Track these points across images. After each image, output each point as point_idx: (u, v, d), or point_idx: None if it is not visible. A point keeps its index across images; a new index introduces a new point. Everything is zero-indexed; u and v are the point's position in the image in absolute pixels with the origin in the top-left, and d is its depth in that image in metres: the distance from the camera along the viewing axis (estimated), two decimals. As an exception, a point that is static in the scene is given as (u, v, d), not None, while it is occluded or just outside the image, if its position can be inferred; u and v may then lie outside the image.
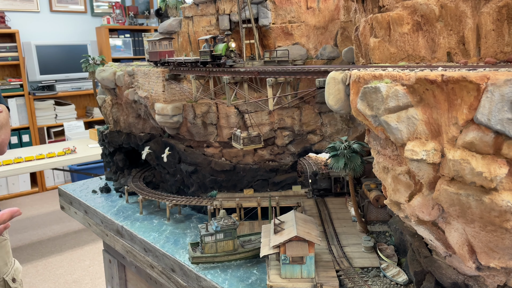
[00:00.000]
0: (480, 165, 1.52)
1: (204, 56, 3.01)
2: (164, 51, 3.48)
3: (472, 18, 1.90)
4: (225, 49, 2.86)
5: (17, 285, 3.12)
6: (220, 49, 2.86)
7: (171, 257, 2.93)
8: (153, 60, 3.64)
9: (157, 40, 3.50)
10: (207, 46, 3.00)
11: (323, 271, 2.42)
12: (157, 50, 3.51)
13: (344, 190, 3.54)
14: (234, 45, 2.89)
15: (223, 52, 2.85)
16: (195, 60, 3.12)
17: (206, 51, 2.98)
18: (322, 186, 3.55)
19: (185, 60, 3.23)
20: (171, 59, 3.42)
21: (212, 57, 2.95)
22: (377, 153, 2.07)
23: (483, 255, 1.72)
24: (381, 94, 1.75)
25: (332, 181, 3.54)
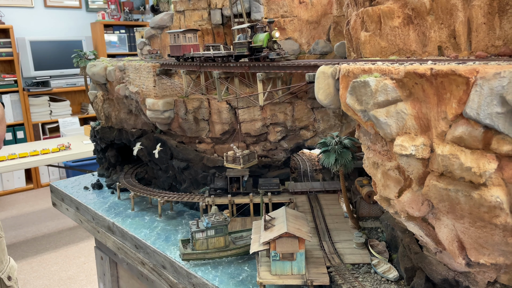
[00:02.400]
0: (469, 160, 1.50)
1: (240, 48, 2.64)
2: (188, 45, 3.16)
3: (463, 11, 1.87)
4: (267, 40, 2.49)
5: (12, 283, 3.09)
6: (261, 39, 2.49)
7: (162, 254, 2.91)
8: (175, 55, 3.30)
9: (180, 33, 3.16)
10: (243, 36, 2.65)
11: (313, 268, 2.40)
12: (180, 44, 3.17)
13: (240, 190, 3.41)
14: (278, 34, 2.50)
15: (264, 43, 2.49)
16: (228, 54, 2.77)
17: (243, 43, 2.60)
18: (218, 185, 3.47)
19: (215, 55, 2.88)
20: (196, 54, 3.08)
21: (250, 49, 2.59)
22: (367, 148, 2.04)
23: (473, 251, 1.70)
24: (370, 88, 1.72)
25: (228, 181, 3.44)
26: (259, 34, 2.53)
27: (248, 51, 2.58)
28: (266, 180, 3.46)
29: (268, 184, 3.40)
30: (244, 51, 2.60)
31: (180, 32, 3.14)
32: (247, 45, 2.58)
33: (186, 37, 3.17)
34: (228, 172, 3.43)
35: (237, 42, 2.66)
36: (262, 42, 2.48)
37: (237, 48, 2.65)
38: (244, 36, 2.64)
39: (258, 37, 2.51)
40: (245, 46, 2.59)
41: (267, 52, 2.46)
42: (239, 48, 2.64)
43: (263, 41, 2.47)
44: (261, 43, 2.48)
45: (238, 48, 2.65)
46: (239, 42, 2.64)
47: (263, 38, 2.47)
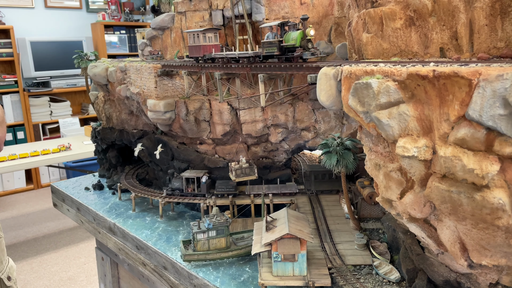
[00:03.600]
0: (471, 162, 1.50)
1: (269, 48, 2.43)
2: (208, 45, 3.00)
3: (465, 13, 1.87)
4: (300, 38, 2.29)
5: (12, 283, 3.09)
6: (294, 38, 2.29)
7: (163, 255, 2.91)
8: (195, 56, 3.13)
9: (200, 32, 3.00)
10: (272, 35, 2.46)
11: (315, 269, 2.40)
12: (200, 44, 3.01)
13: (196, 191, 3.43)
14: (313, 32, 2.29)
15: (297, 42, 2.28)
16: (255, 54, 2.57)
17: (273, 42, 2.40)
18: (175, 185, 3.51)
19: (240, 55, 2.69)
20: (218, 55, 2.91)
21: (281, 49, 2.38)
22: (369, 150, 2.05)
23: (475, 253, 1.71)
24: (372, 90, 1.73)
25: (184, 182, 3.46)
26: (291, 32, 2.33)
27: (278, 51, 2.38)
28: (223, 182, 3.42)
29: (225, 186, 3.39)
30: (274, 51, 2.40)
31: (200, 31, 2.99)
32: (278, 44, 2.37)
33: (206, 37, 3.02)
34: (183, 173, 3.46)
35: (265, 41, 2.45)
36: (295, 41, 2.28)
37: (266, 47, 2.44)
38: (273, 35, 2.44)
39: (290, 36, 2.31)
40: (275, 45, 2.38)
41: (300, 52, 2.25)
42: (268, 48, 2.43)
43: (296, 39, 2.27)
44: (294, 42, 2.28)
45: (267, 48, 2.43)
46: (268, 42, 2.43)
47: (296, 37, 2.27)
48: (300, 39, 2.27)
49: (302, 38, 2.27)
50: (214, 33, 3.04)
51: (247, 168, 3.07)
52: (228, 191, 3.37)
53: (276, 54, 2.40)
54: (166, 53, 3.81)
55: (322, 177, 3.41)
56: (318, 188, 3.40)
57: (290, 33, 2.33)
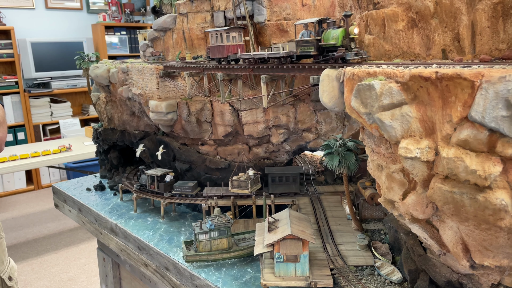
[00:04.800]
0: (474, 163, 1.51)
1: (304, 47, 2.25)
2: (233, 45, 2.84)
3: (467, 15, 1.88)
4: (342, 37, 2.10)
5: (13, 283, 3.10)
6: (335, 36, 2.11)
7: (165, 256, 2.92)
8: (217, 57, 2.97)
9: (224, 31, 2.83)
10: (307, 33, 2.28)
11: (317, 270, 2.40)
12: (223, 44, 2.85)
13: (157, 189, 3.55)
14: (357, 30, 2.10)
15: (339, 41, 2.09)
16: (287, 54, 2.41)
17: (309, 41, 2.22)
18: (142, 182, 3.66)
19: (270, 55, 2.50)
20: (245, 55, 2.72)
21: (319, 48, 2.21)
22: (371, 151, 2.05)
23: (477, 254, 1.71)
24: (375, 91, 1.73)
25: (149, 179, 3.59)
26: (330, 30, 2.14)
27: (316, 51, 2.20)
28: (183, 182, 3.52)
29: (182, 187, 3.47)
30: (310, 51, 2.22)
31: (223, 30, 2.83)
32: (315, 43, 2.18)
33: (230, 36, 2.84)
34: (149, 170, 3.61)
35: (300, 40, 2.27)
36: (336, 39, 2.09)
37: (301, 47, 2.27)
38: (308, 33, 2.27)
39: (331, 34, 2.12)
40: (312, 44, 2.20)
41: (343, 52, 2.06)
42: (303, 47, 2.26)
43: (338, 38, 2.09)
44: (335, 41, 2.10)
45: (303, 47, 2.26)
46: (304, 40, 2.25)
47: (338, 35, 2.09)
48: (342, 37, 2.09)
49: (344, 36, 2.09)
50: (238, 32, 2.88)
51: (243, 181, 3.10)
52: (184, 192, 3.46)
53: (313, 54, 2.22)
54: (167, 54, 3.82)
55: (279, 180, 3.42)
56: (275, 190, 3.41)
57: (330, 31, 2.14)
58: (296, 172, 3.42)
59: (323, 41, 2.18)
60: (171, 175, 3.61)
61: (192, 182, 3.53)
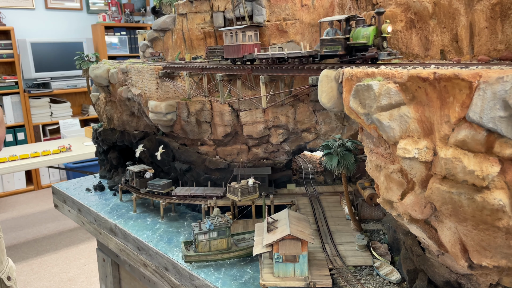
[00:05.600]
0: (472, 163, 1.51)
1: (330, 46, 2.12)
2: (249, 45, 2.72)
3: (465, 16, 1.89)
4: (374, 36, 1.96)
5: (12, 283, 3.10)
6: (366, 35, 1.97)
7: (164, 256, 2.92)
8: (232, 57, 2.84)
9: (239, 29, 2.71)
10: (332, 32, 2.13)
11: (316, 270, 2.41)
12: (239, 43, 2.73)
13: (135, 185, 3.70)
14: (390, 29, 1.95)
15: (370, 40, 1.95)
16: (309, 54, 2.27)
17: (336, 40, 2.08)
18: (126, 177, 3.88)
19: (290, 55, 2.38)
20: (262, 55, 2.58)
21: (348, 48, 2.07)
22: (370, 151, 2.06)
23: (476, 254, 1.72)
24: (374, 92, 1.74)
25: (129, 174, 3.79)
26: (360, 28, 2.01)
27: (343, 50, 2.06)
28: (155, 180, 3.64)
29: (154, 184, 3.59)
30: (337, 50, 2.08)
31: (239, 29, 2.71)
32: (343, 42, 2.05)
33: (246, 35, 2.72)
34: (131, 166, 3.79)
35: (325, 39, 2.13)
36: (367, 38, 1.96)
37: (326, 46, 2.13)
38: (334, 31, 2.14)
39: (361, 33, 1.99)
40: (339, 43, 2.06)
41: (375, 52, 1.93)
42: (329, 46, 2.12)
43: (369, 37, 1.95)
44: (365, 39, 1.96)
45: (328, 46, 2.12)
46: (330, 39, 2.10)
47: (369, 34, 1.94)
48: (373, 36, 1.95)
49: (375, 35, 1.96)
50: (254, 31, 2.75)
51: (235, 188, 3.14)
52: (155, 189, 3.57)
53: (340, 54, 2.08)
54: (167, 54, 3.83)
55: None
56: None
57: (359, 30, 2.01)
58: (264, 173, 3.40)
59: (352, 39, 2.03)
60: (150, 172, 3.72)
61: (165, 180, 3.61)
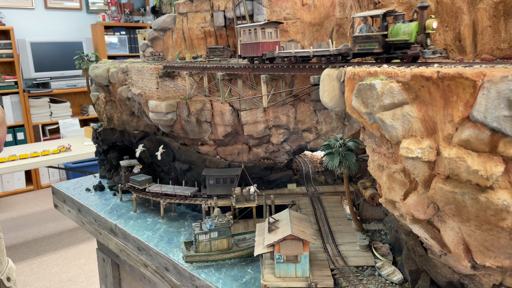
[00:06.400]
0: (476, 163, 1.50)
1: (365, 44, 1.97)
2: (269, 42, 2.55)
3: (468, 14, 1.88)
4: (416, 32, 1.82)
5: (11, 284, 3.09)
6: (408, 31, 1.83)
7: (164, 256, 2.91)
8: (250, 55, 2.68)
9: (259, 26, 2.54)
10: (366, 28, 2.00)
11: (317, 270, 2.39)
12: (258, 41, 2.56)
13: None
14: (436, 25, 1.81)
15: (412, 37, 1.82)
16: (338, 52, 2.13)
17: (372, 36, 1.94)
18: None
19: (316, 53, 2.23)
20: (284, 53, 2.43)
21: (386, 45, 1.92)
22: (372, 151, 2.04)
23: (479, 254, 1.70)
24: (376, 91, 1.72)
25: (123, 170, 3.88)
26: (400, 24, 1.87)
27: (381, 48, 1.92)
28: (138, 176, 3.74)
29: (134, 180, 3.70)
30: (374, 48, 1.94)
31: (258, 25, 2.53)
32: (381, 39, 1.90)
33: (265, 32, 2.53)
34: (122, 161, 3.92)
35: (359, 36, 1.99)
36: (408, 35, 1.82)
37: (360, 43, 2.00)
38: (367, 28, 2.00)
39: (401, 29, 1.85)
40: (376, 40, 1.92)
41: (419, 49, 1.79)
42: (364, 44, 1.98)
43: (411, 34, 1.81)
44: (407, 36, 1.83)
45: (363, 44, 1.98)
46: (365, 36, 1.97)
47: (412, 30, 1.81)
48: (415, 33, 1.81)
49: (418, 31, 1.82)
50: (274, 28, 2.56)
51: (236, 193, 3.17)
52: (135, 185, 3.67)
53: (377, 52, 1.94)
54: (167, 54, 3.81)
55: (217, 181, 3.42)
56: (212, 192, 3.42)
57: (399, 26, 1.86)
58: (233, 174, 3.39)
59: (391, 36, 1.88)
60: (138, 167, 3.84)
61: (145, 176, 3.71)
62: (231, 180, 3.36)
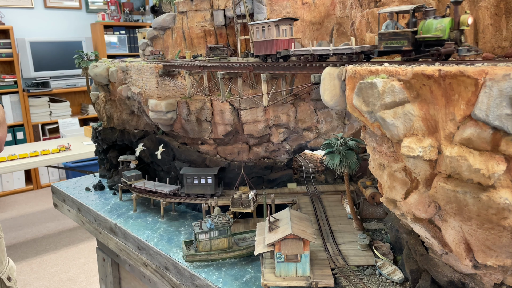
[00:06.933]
0: (477, 161, 1.49)
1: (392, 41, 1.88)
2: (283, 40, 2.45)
3: (470, 13, 1.87)
4: (449, 28, 1.72)
5: (12, 283, 3.08)
6: (440, 28, 1.72)
7: (165, 255, 2.90)
8: (263, 53, 2.57)
9: (273, 23, 2.43)
10: (392, 24, 1.91)
11: (318, 269, 2.39)
12: (272, 39, 2.45)
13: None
14: (471, 21, 1.72)
15: (445, 33, 1.72)
16: (361, 50, 2.04)
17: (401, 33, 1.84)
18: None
19: (336, 51, 2.13)
20: (300, 51, 2.33)
21: (415, 43, 1.84)
22: (373, 150, 2.04)
23: (480, 253, 1.70)
24: (377, 89, 1.72)
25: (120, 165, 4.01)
26: (432, 20, 1.78)
27: (410, 45, 1.82)
28: (129, 171, 3.86)
29: (124, 175, 3.82)
30: (402, 45, 1.85)
31: (272, 22, 2.42)
32: (411, 36, 1.81)
33: (280, 29, 2.42)
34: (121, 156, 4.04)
35: (385, 32, 1.90)
36: (441, 31, 1.72)
37: (387, 40, 1.90)
38: (394, 24, 1.91)
39: (433, 25, 1.75)
40: (405, 37, 1.82)
41: (453, 46, 1.70)
42: (391, 41, 1.89)
43: (444, 30, 1.71)
44: (440, 33, 1.72)
45: (390, 41, 1.89)
46: (392, 33, 1.87)
47: (445, 26, 1.71)
48: (449, 29, 1.71)
49: (451, 28, 1.72)
50: (289, 25, 2.45)
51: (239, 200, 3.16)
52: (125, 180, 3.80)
53: (406, 50, 1.85)
54: (167, 53, 3.80)
55: (194, 180, 3.43)
56: (190, 191, 3.44)
57: (430, 22, 1.77)
58: (210, 173, 3.39)
59: (422, 33, 1.79)
60: (134, 163, 3.92)
61: (135, 172, 3.80)
62: (208, 179, 3.37)
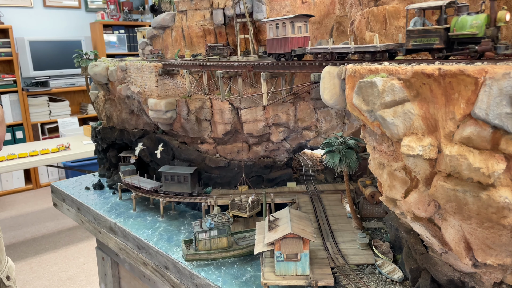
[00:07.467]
0: (477, 160, 1.49)
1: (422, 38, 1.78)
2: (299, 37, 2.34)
3: (469, 11, 1.86)
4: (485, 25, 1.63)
5: (11, 283, 3.08)
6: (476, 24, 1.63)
7: (164, 255, 2.90)
8: (277, 51, 2.47)
9: (288, 20, 2.34)
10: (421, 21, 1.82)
11: (318, 268, 2.39)
12: (287, 36, 2.35)
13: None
14: (509, 17, 1.63)
15: (481, 30, 1.62)
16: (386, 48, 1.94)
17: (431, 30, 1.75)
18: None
19: (358, 50, 2.04)
20: (319, 49, 2.23)
21: (447, 40, 1.74)
22: (373, 148, 2.04)
23: (480, 252, 1.70)
24: (377, 88, 1.72)
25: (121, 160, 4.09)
26: (465, 16, 1.68)
27: (442, 43, 1.73)
28: (125, 166, 3.97)
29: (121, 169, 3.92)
30: (433, 43, 1.75)
31: (287, 19, 2.33)
32: (443, 33, 1.71)
33: (295, 27, 2.32)
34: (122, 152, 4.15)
35: (414, 30, 1.81)
36: (477, 28, 1.62)
37: (416, 38, 1.81)
38: (422, 21, 1.82)
39: (468, 21, 1.66)
40: (437, 34, 1.72)
41: (490, 44, 1.60)
42: (421, 39, 1.79)
43: (481, 27, 1.61)
44: (476, 30, 1.63)
45: (419, 39, 1.80)
46: (422, 30, 1.78)
47: (481, 23, 1.61)
48: (484, 25, 1.61)
49: (488, 24, 1.62)
50: (304, 22, 2.35)
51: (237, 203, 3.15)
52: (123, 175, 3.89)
53: (437, 47, 1.75)
54: (167, 52, 3.80)
55: (172, 179, 3.45)
56: (168, 189, 3.47)
57: (464, 18, 1.67)
58: (187, 172, 3.40)
59: (455, 30, 1.69)
60: (133, 158, 3.97)
61: (130, 167, 3.90)
62: (185, 178, 3.40)
